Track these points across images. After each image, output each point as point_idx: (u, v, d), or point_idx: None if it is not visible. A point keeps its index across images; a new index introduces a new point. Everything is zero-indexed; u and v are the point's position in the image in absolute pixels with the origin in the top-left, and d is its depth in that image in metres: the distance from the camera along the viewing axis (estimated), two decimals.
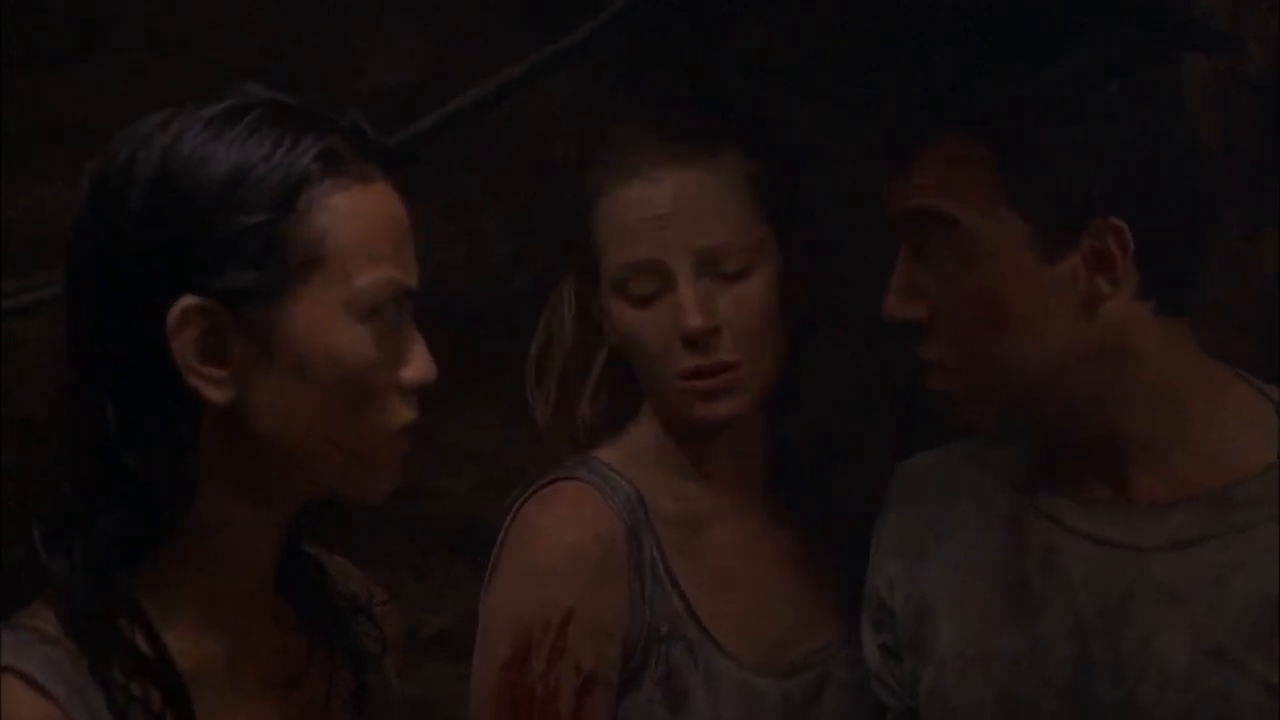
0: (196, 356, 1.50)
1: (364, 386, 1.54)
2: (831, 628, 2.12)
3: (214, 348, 1.50)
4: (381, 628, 1.71)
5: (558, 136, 2.72)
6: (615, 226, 2.05)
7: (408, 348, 1.57)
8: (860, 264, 2.51)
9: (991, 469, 1.97)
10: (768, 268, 2.06)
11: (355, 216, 1.53)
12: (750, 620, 2.09)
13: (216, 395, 1.51)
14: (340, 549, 1.69)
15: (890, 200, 1.87)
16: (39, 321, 2.82)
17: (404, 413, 1.57)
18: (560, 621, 2.00)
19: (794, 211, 2.09)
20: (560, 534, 2.03)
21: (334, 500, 1.60)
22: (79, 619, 1.50)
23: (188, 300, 1.49)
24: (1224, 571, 1.80)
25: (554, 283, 2.16)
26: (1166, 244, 1.81)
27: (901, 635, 1.98)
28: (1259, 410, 1.87)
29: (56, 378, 2.86)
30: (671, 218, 2.03)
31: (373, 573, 1.78)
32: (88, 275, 1.53)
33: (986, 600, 1.91)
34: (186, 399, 1.51)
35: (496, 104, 2.58)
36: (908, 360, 1.89)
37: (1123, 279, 1.80)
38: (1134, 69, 1.82)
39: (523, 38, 2.63)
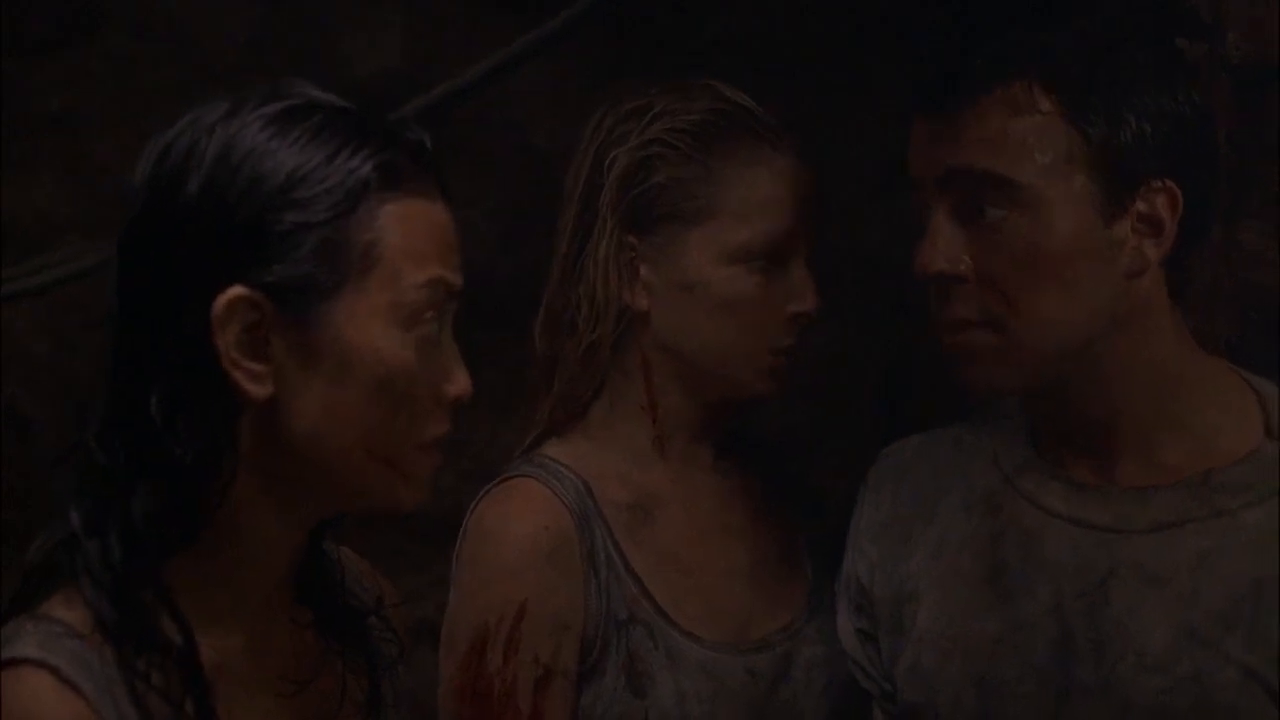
0: (239, 349, 1.50)
1: (402, 393, 1.54)
2: (795, 604, 2.14)
3: (257, 342, 1.51)
4: (397, 632, 1.72)
5: (542, 123, 2.73)
6: (761, 195, 2.05)
7: (448, 361, 1.58)
8: (844, 248, 2.53)
9: (973, 452, 1.97)
10: None
11: (408, 225, 1.54)
12: (709, 599, 2.09)
13: (255, 390, 1.51)
14: (335, 539, 1.70)
15: (928, 156, 1.84)
16: (31, 311, 2.83)
17: (438, 425, 1.58)
18: (514, 615, 2.00)
19: None
20: (510, 530, 2.04)
21: (360, 515, 1.61)
22: (109, 605, 1.50)
23: (235, 290, 1.50)
24: (1204, 555, 1.81)
25: (541, 272, 2.16)
26: (1192, 215, 1.81)
27: (880, 618, 1.99)
28: (1242, 397, 1.87)
29: (49, 368, 2.89)
30: (806, 195, 2.07)
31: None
32: (140, 258, 1.53)
33: (967, 582, 1.91)
34: (227, 392, 1.51)
35: (481, 90, 2.59)
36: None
37: (1166, 245, 1.80)
38: (1176, 35, 1.83)
39: (505, 23, 2.64)
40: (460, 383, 1.58)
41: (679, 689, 2.03)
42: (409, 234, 1.54)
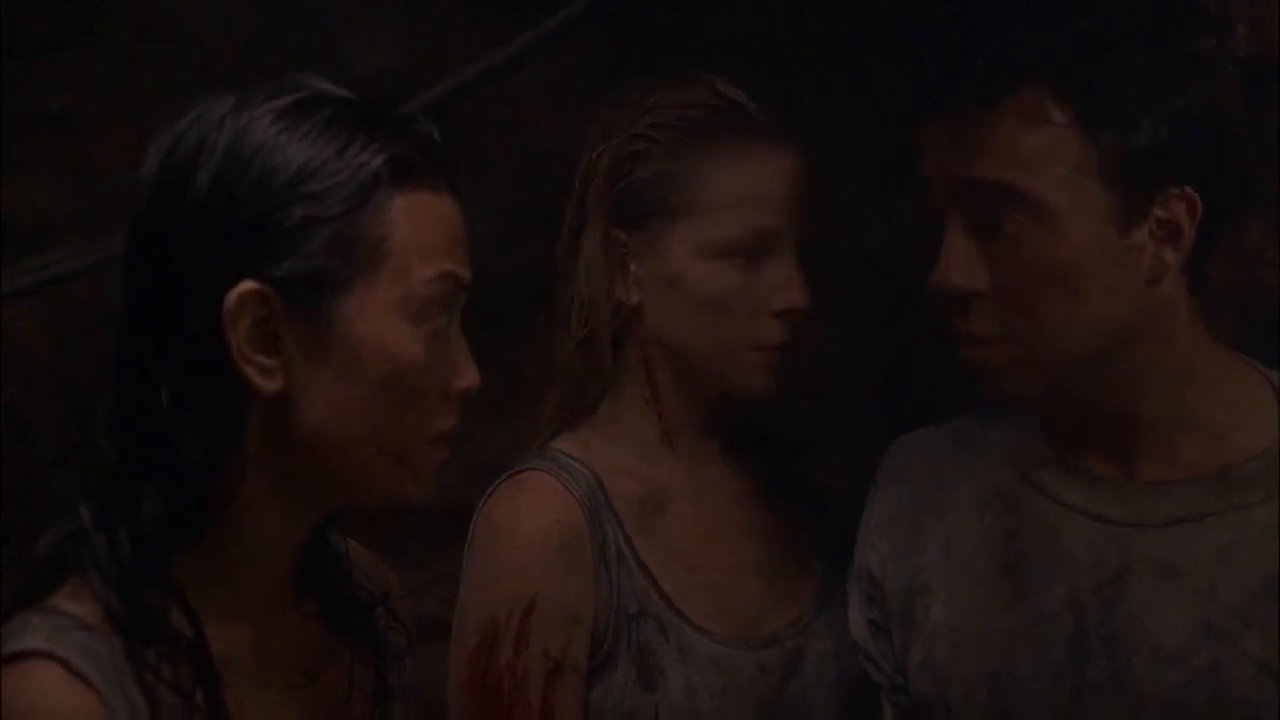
0: (249, 343, 1.50)
1: (410, 387, 1.54)
2: (805, 599, 2.14)
3: (267, 336, 1.51)
4: (404, 623, 1.73)
5: (541, 123, 2.73)
6: (742, 188, 2.05)
7: (456, 355, 1.58)
8: (844, 248, 2.53)
9: (985, 447, 1.97)
10: None
11: (419, 219, 1.54)
12: (719, 594, 2.10)
13: (265, 384, 1.51)
14: (339, 534, 1.70)
15: (941, 164, 1.83)
16: (31, 311, 2.83)
17: (445, 419, 1.59)
18: (524, 609, 2.00)
19: None
20: (521, 523, 2.04)
21: (365, 509, 1.61)
22: (117, 598, 1.50)
23: (247, 285, 1.50)
24: (1221, 550, 1.81)
25: (539, 270, 2.16)
26: (1214, 217, 1.81)
27: (892, 611, 1.99)
28: (1260, 392, 1.87)
29: (49, 368, 2.88)
30: (795, 192, 2.07)
31: None
32: (148, 252, 1.53)
33: (981, 577, 1.92)
34: (237, 385, 1.51)
35: (479, 90, 2.59)
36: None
37: (1186, 250, 1.80)
38: (1193, 35, 1.83)
39: (505, 23, 2.64)
40: (468, 376, 1.59)
41: (689, 683, 2.04)
42: (418, 228, 1.54)
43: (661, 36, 2.68)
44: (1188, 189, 1.78)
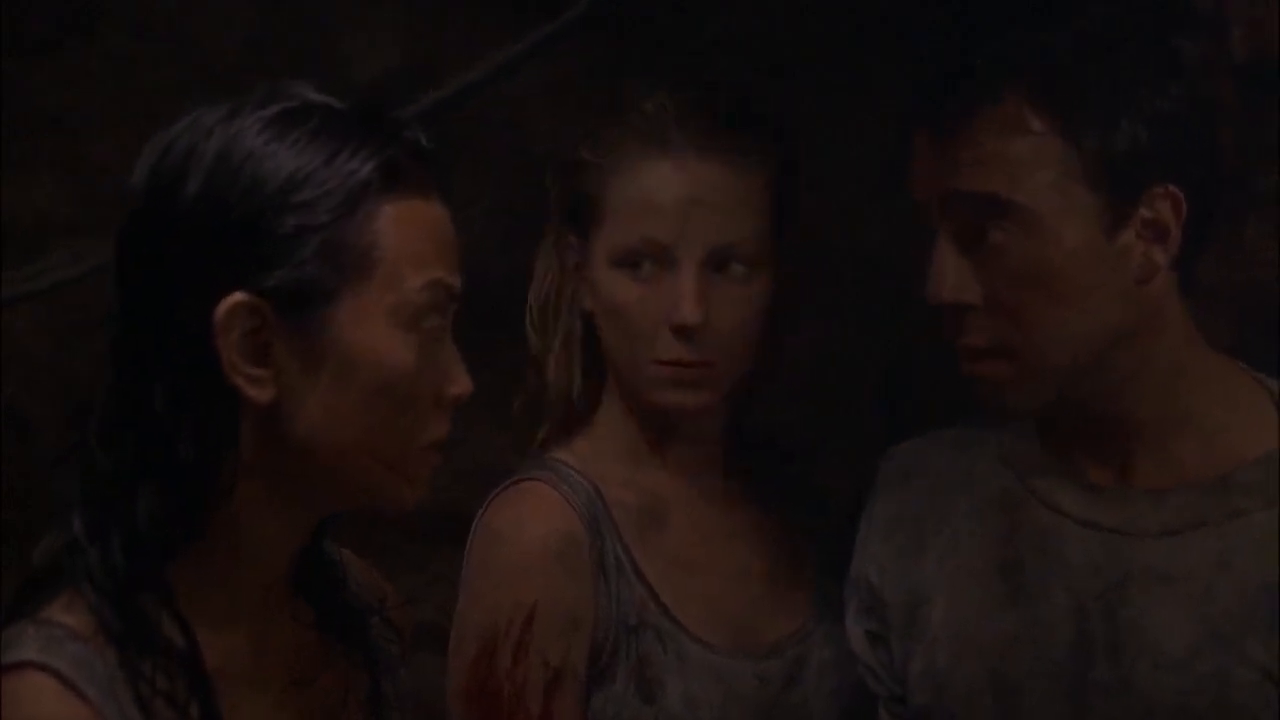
0: (240, 354, 1.50)
1: (403, 395, 1.54)
2: (805, 608, 2.14)
3: (258, 346, 1.51)
4: (399, 632, 1.73)
5: (540, 123, 2.73)
6: (634, 198, 2.05)
7: (448, 363, 1.58)
8: (844, 248, 2.53)
9: (982, 454, 1.97)
10: (765, 274, 2.07)
11: (409, 226, 1.54)
12: (718, 604, 2.09)
13: (257, 394, 1.51)
14: (333, 539, 1.70)
15: (928, 178, 1.83)
16: (31, 311, 2.83)
17: (438, 427, 1.59)
18: (524, 618, 2.00)
19: (795, 215, 2.10)
20: (520, 532, 2.04)
21: (360, 512, 1.61)
22: (112, 610, 1.50)
23: (236, 297, 1.50)
24: (1220, 557, 1.81)
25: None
26: (1204, 217, 1.81)
27: (892, 621, 1.98)
28: (1256, 398, 1.87)
29: (49, 368, 2.88)
30: (695, 205, 2.03)
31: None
32: (139, 259, 1.53)
33: (980, 584, 1.92)
34: (229, 393, 1.51)
35: (481, 91, 2.59)
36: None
37: (1174, 249, 1.80)
38: (1174, 36, 1.83)
39: (505, 23, 2.64)
40: (461, 383, 1.59)
41: (688, 694, 2.03)
42: (408, 235, 1.54)
43: (661, 36, 2.68)
44: (1172, 188, 1.78)
